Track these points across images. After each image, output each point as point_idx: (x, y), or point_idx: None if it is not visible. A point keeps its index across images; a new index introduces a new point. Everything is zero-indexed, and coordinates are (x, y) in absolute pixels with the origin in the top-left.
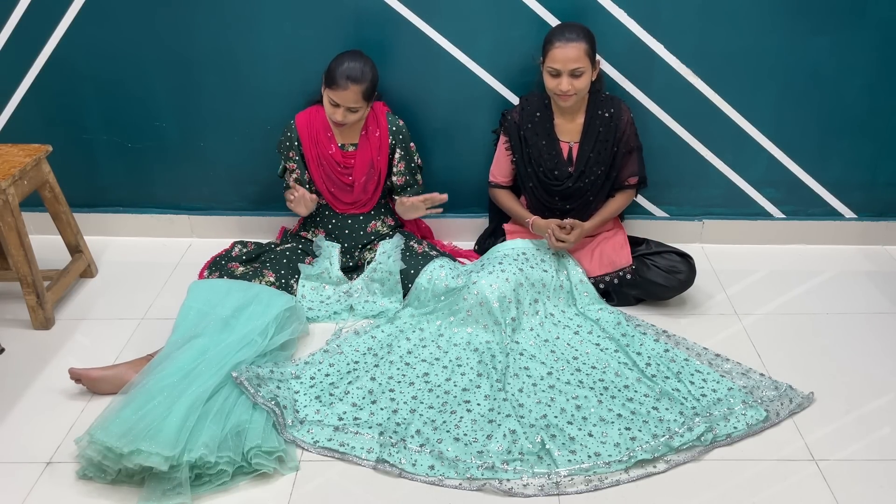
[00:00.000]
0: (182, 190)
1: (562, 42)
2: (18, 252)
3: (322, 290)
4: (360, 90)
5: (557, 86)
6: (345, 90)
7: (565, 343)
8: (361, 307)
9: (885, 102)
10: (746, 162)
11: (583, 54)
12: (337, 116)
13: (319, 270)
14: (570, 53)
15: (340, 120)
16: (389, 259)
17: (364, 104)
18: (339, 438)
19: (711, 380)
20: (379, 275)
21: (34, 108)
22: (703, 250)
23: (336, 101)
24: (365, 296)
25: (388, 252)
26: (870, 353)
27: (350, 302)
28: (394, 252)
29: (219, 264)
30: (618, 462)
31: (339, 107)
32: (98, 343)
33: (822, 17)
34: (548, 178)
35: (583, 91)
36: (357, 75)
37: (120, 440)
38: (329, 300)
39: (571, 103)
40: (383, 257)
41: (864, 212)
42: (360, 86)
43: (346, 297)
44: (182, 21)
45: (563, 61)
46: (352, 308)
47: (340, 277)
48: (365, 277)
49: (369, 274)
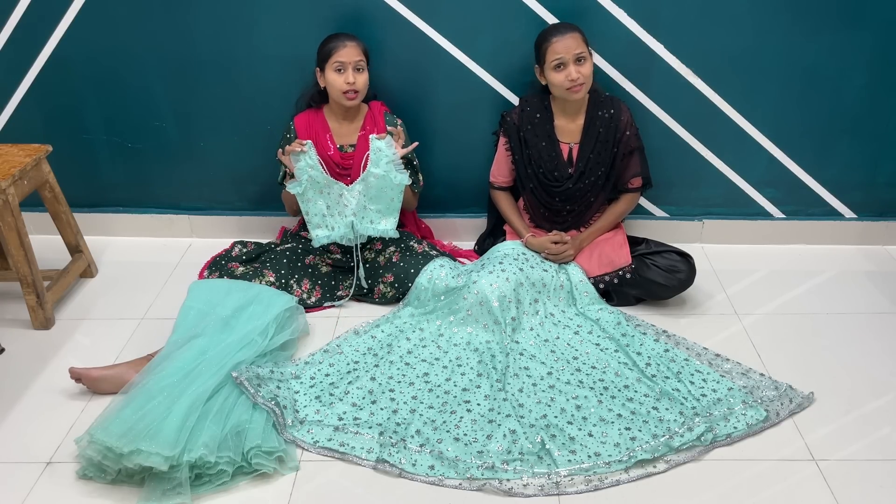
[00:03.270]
0: (182, 190)
1: (558, 35)
2: (18, 252)
3: (318, 205)
4: (358, 44)
5: (567, 76)
6: (345, 47)
7: (565, 343)
8: (360, 223)
9: (884, 102)
10: (746, 162)
11: (581, 41)
12: (348, 79)
13: (304, 184)
14: (569, 42)
15: (352, 82)
16: (382, 162)
17: (364, 61)
18: (339, 438)
19: (711, 380)
20: (376, 182)
21: (34, 108)
22: (703, 250)
23: (341, 60)
24: (362, 212)
25: (384, 150)
26: (870, 353)
27: (351, 220)
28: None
29: (219, 264)
30: (618, 462)
31: (347, 70)
32: (98, 343)
33: (822, 17)
34: (548, 180)
35: (590, 79)
36: (348, 35)
37: (120, 440)
38: (329, 210)
39: (583, 93)
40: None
41: (864, 212)
42: (355, 41)
43: (345, 216)
44: (182, 21)
45: (565, 50)
46: (353, 227)
47: (329, 180)
48: (362, 182)
49: (367, 178)
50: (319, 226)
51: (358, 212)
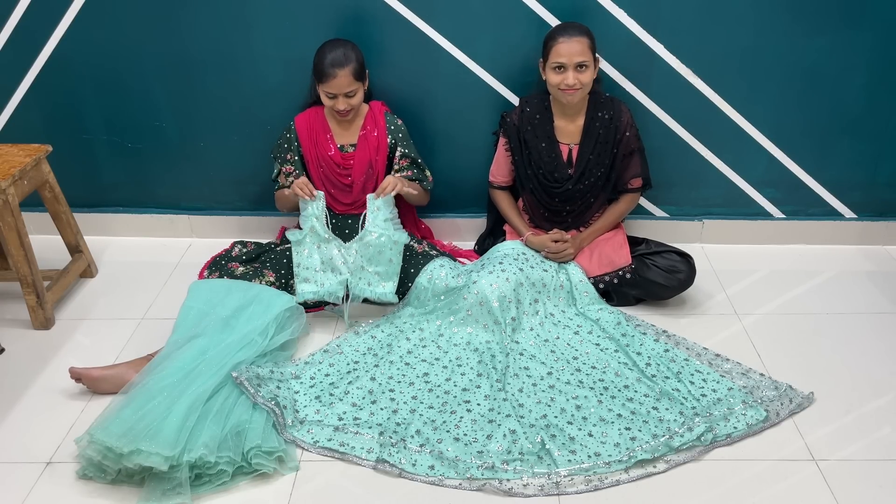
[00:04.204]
0: (182, 190)
1: (565, 37)
2: (18, 252)
3: (312, 259)
4: (349, 72)
5: (563, 80)
6: (335, 78)
7: (565, 343)
8: (356, 284)
9: (884, 102)
10: (746, 162)
11: (586, 48)
12: (339, 106)
13: (304, 233)
14: (574, 47)
15: (343, 108)
16: (388, 224)
17: (358, 84)
18: (339, 438)
19: (711, 380)
20: (376, 241)
21: (34, 108)
22: (703, 250)
23: (331, 92)
24: (359, 272)
25: (382, 209)
26: (870, 353)
27: (346, 277)
28: (387, 209)
29: (219, 264)
30: (618, 462)
31: (337, 97)
32: (98, 343)
33: (822, 17)
34: (548, 181)
35: (587, 86)
36: (340, 60)
37: (120, 440)
38: (323, 266)
39: (577, 99)
40: (378, 218)
41: (864, 212)
42: (347, 68)
43: (340, 273)
44: (182, 21)
45: (568, 55)
46: (346, 285)
47: (329, 234)
48: (359, 241)
49: (364, 237)
50: (307, 280)
51: (355, 271)
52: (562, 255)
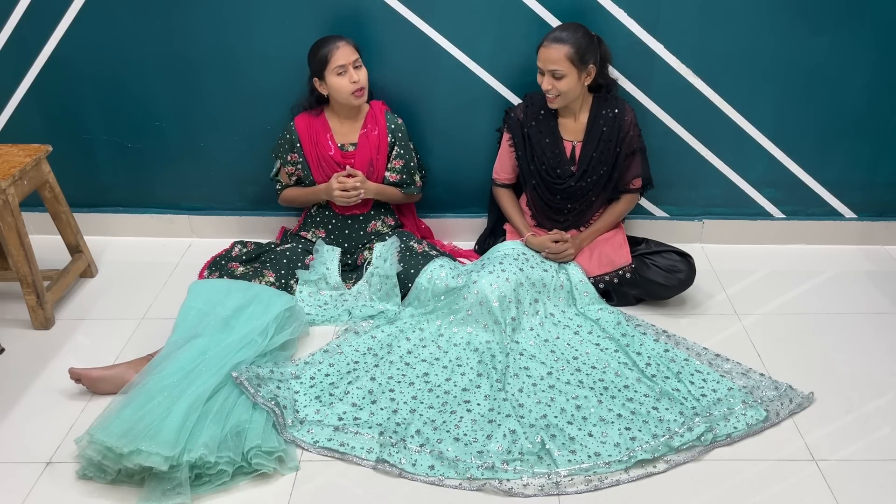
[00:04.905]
0: (182, 190)
1: (548, 42)
2: (18, 252)
3: (319, 296)
4: (348, 41)
5: (540, 83)
6: (339, 49)
7: (565, 343)
8: (359, 311)
9: (884, 102)
10: (746, 162)
11: (563, 57)
12: (353, 78)
13: (317, 276)
14: (551, 54)
15: (356, 80)
16: (386, 263)
17: (360, 57)
18: (339, 438)
19: (711, 380)
20: (376, 279)
21: (34, 108)
22: (703, 250)
23: (341, 63)
24: (363, 300)
25: (384, 255)
26: (870, 353)
27: (347, 307)
28: (390, 255)
29: (219, 264)
30: (618, 462)
31: (348, 70)
32: (98, 343)
33: (822, 17)
34: (550, 177)
35: (566, 94)
36: (336, 35)
37: (120, 440)
38: (326, 305)
39: (557, 105)
40: (379, 261)
41: (864, 212)
42: (345, 39)
43: (343, 302)
44: (182, 21)
45: (543, 61)
46: (350, 313)
47: (338, 283)
48: (363, 282)
49: (367, 279)
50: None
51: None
52: (562, 255)
